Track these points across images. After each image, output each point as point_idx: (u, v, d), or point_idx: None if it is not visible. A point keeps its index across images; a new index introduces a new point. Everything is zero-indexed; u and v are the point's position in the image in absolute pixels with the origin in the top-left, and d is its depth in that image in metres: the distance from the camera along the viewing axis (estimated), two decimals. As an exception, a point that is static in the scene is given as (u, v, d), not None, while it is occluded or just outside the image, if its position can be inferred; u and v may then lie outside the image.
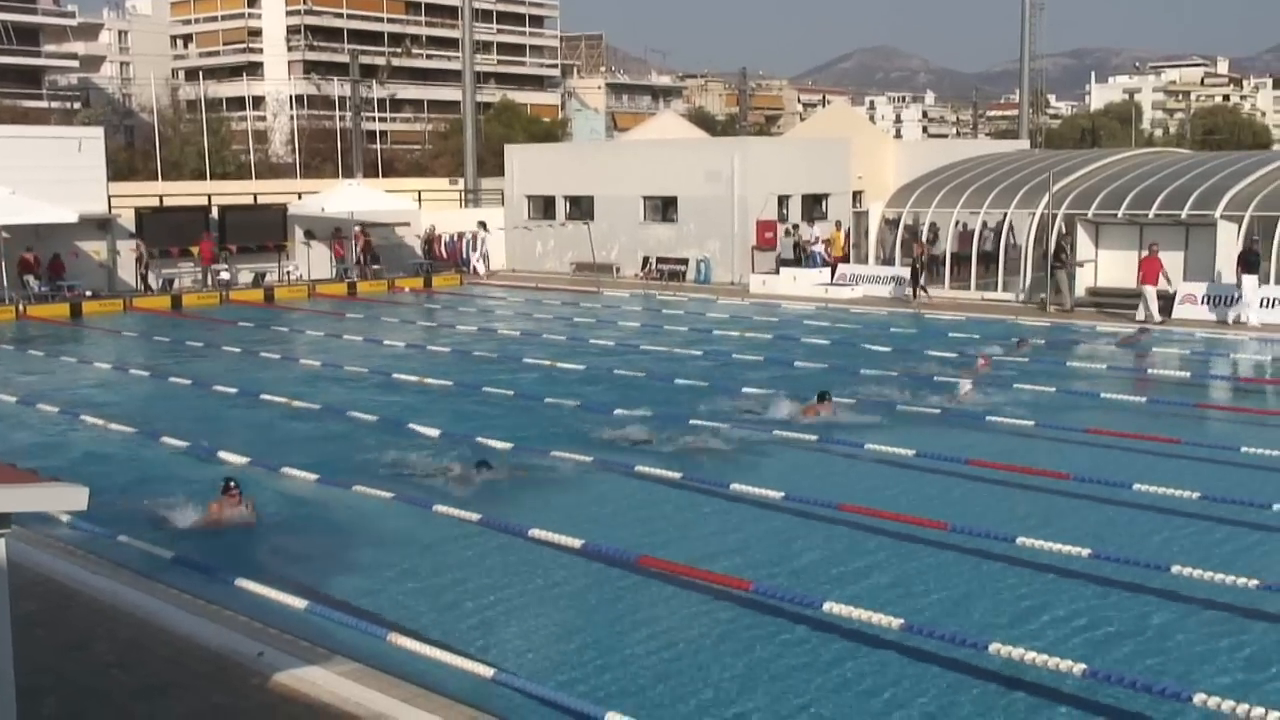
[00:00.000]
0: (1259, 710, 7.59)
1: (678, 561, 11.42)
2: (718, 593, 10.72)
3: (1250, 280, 27.05)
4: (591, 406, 19.14)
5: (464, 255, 42.13)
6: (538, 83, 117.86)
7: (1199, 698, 7.98)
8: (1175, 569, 10.69)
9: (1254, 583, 10.21)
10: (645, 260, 40.29)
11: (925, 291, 32.60)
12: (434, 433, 17.25)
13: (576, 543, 11.84)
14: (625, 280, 39.55)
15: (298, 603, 10.17)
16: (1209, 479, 14.05)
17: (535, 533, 12.19)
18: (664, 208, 40.58)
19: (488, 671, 8.75)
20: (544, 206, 43.60)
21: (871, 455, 15.73)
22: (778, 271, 35.88)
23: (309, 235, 39.17)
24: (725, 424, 17.44)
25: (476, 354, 25.15)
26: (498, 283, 40.47)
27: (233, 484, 12.87)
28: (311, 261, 38.89)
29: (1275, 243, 28.41)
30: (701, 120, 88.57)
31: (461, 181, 49.54)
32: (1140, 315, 28.01)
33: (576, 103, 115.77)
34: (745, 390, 20.23)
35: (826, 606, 9.92)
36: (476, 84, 54.67)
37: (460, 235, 42.39)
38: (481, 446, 16.00)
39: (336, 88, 63.85)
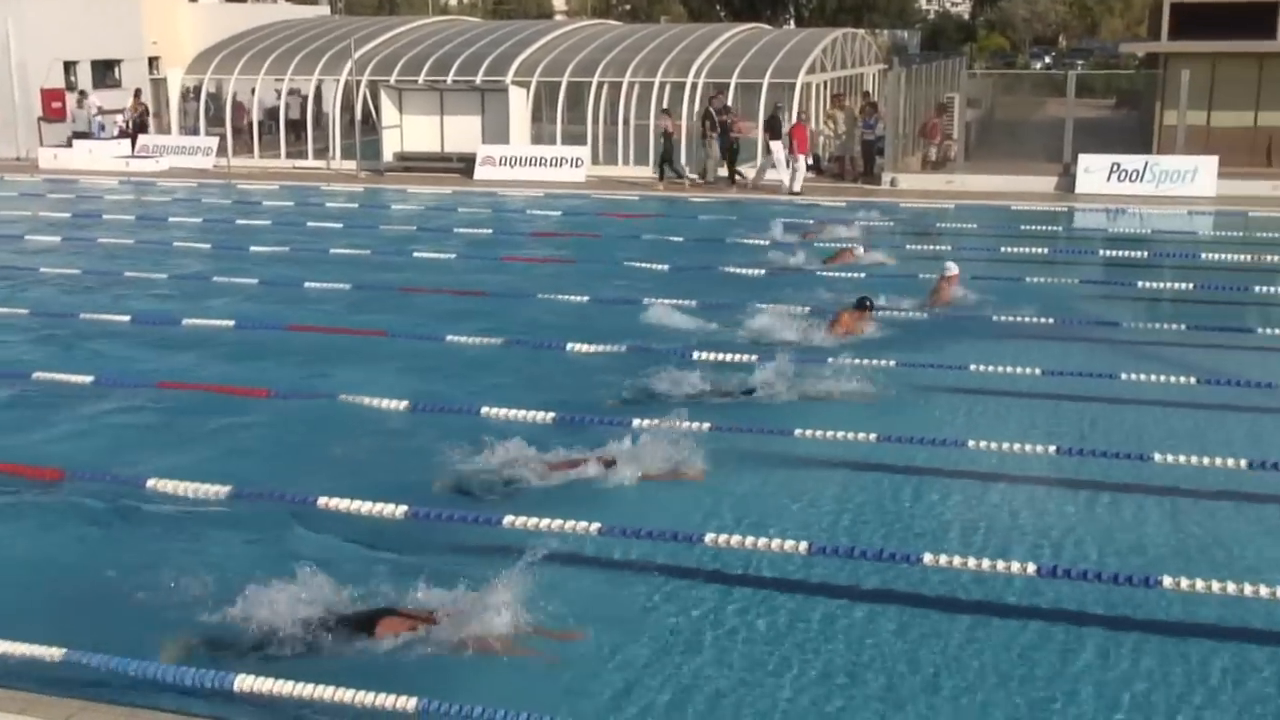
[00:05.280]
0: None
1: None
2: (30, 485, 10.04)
3: (776, 145, 27.87)
4: None
5: None
6: None
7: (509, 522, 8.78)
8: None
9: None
10: (-93, 135, 35.56)
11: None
12: None
13: None
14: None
15: None
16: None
17: None
18: (-74, 75, 35.89)
19: None
20: None
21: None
22: (69, 144, 33.32)
23: None
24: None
25: None
26: None
27: None
28: None
29: (559, 108, 30.91)
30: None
31: None
32: (797, 185, 27.29)
33: None
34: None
35: (150, 483, 9.71)
36: None
37: None
38: None
39: None
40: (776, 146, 27.88)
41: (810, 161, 28.64)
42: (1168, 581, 7.89)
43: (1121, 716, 6.76)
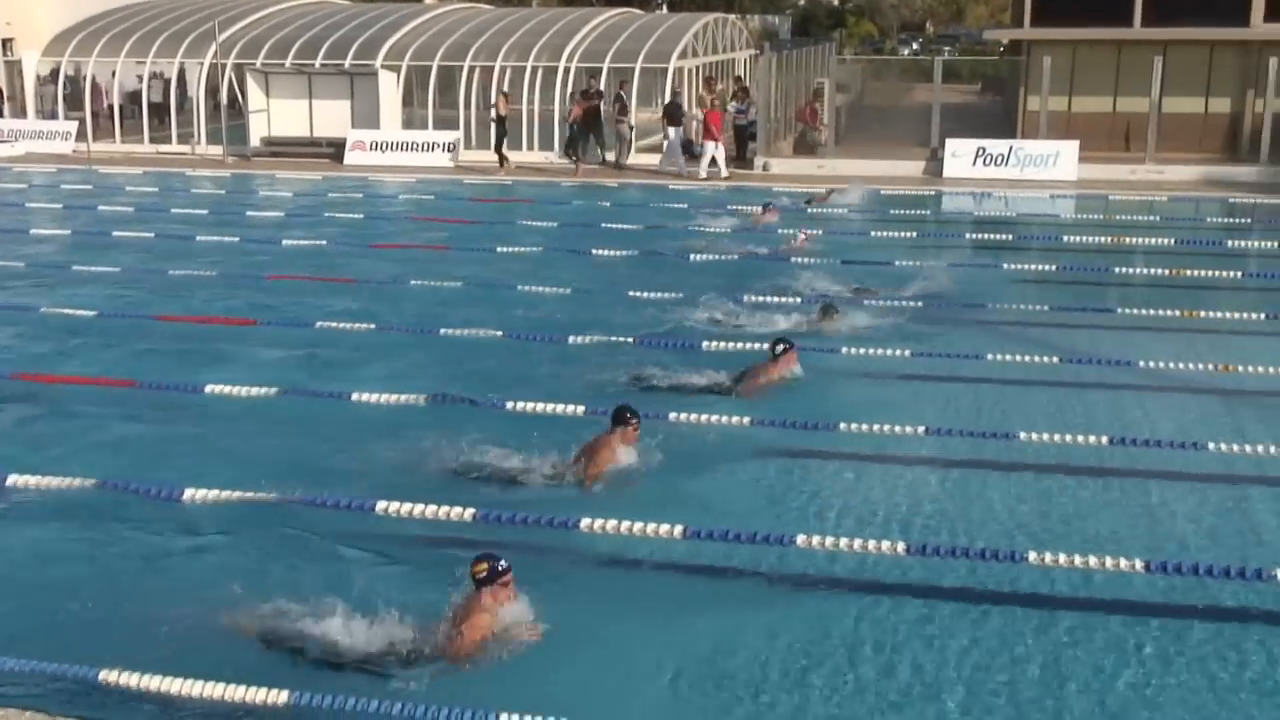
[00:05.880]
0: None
1: None
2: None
3: (675, 131, 27.79)
4: None
5: None
6: None
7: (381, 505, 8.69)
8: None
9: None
10: None
11: None
12: None
13: None
14: None
15: None
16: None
17: None
18: None
19: None
20: None
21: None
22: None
23: None
24: None
25: None
26: None
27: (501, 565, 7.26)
28: None
29: (430, 92, 30.53)
30: None
31: None
32: (703, 173, 27.29)
33: None
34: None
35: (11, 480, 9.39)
36: None
37: None
38: None
39: None
40: (674, 133, 28.01)
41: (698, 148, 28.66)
42: (1033, 556, 8.11)
43: (988, 687, 6.92)
